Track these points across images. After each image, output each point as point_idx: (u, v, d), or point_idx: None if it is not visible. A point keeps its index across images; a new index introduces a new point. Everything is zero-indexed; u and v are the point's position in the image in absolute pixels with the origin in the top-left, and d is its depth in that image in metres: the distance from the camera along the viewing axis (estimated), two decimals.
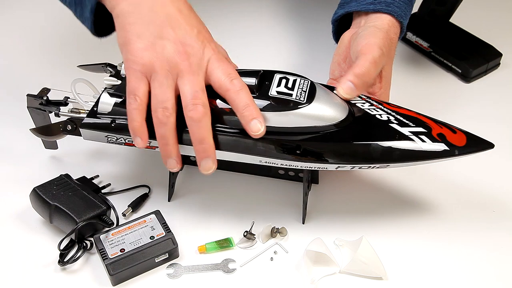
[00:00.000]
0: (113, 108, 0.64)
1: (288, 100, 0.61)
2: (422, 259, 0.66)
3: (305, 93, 0.62)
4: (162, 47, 0.60)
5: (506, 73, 0.91)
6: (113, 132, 0.64)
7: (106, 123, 0.64)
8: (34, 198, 0.68)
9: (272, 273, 0.64)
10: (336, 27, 0.78)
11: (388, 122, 0.64)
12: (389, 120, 0.64)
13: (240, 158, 0.63)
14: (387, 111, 0.65)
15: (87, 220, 0.65)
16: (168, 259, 0.65)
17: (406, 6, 0.75)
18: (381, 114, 0.64)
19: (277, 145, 0.62)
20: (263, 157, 0.63)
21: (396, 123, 0.63)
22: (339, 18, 0.77)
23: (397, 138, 0.62)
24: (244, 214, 0.70)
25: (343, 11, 0.75)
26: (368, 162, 0.62)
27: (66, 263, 0.64)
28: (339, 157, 0.62)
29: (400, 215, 0.70)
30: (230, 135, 0.62)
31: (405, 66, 0.92)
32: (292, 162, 0.63)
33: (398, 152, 0.62)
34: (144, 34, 0.60)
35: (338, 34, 0.77)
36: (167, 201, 0.72)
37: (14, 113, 0.83)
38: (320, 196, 0.72)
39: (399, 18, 0.73)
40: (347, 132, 0.62)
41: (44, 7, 1.01)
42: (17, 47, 0.95)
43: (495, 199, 0.72)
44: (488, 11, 1.03)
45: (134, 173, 0.75)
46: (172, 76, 0.60)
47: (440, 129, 0.64)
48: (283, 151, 0.62)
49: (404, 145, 0.62)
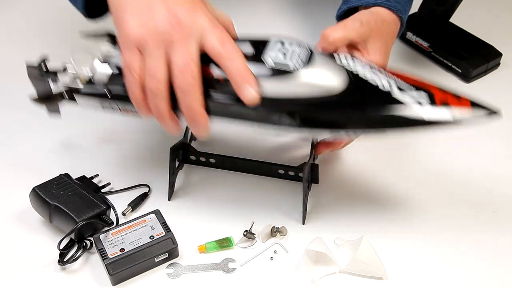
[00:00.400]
0: (108, 79, 0.63)
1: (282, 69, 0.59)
2: (422, 259, 0.66)
3: (301, 60, 0.60)
4: (154, 20, 0.59)
5: (506, 73, 0.91)
6: (108, 101, 0.64)
7: (102, 93, 0.64)
8: (33, 197, 0.68)
9: (272, 273, 0.64)
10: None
11: (390, 92, 0.60)
12: (390, 87, 0.61)
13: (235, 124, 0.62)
14: (389, 77, 0.62)
15: (87, 219, 0.65)
16: (168, 258, 0.65)
17: (406, 2, 0.75)
18: (382, 83, 0.61)
19: (272, 112, 0.60)
20: (258, 123, 0.61)
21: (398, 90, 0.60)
22: (343, 13, 0.77)
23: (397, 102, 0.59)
24: (244, 214, 0.70)
25: (346, 7, 0.76)
26: (364, 128, 0.60)
27: (66, 263, 0.64)
28: (334, 123, 0.60)
29: (400, 215, 0.70)
30: (226, 104, 0.60)
31: (405, 66, 0.92)
32: (287, 127, 0.60)
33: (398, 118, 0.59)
34: (136, 11, 0.60)
35: None
36: (167, 200, 0.72)
37: (14, 113, 0.83)
38: (320, 196, 0.72)
39: (399, 13, 0.73)
40: (344, 99, 0.60)
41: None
42: (17, 44, 0.95)
43: (495, 199, 0.72)
44: (488, 11, 1.03)
45: (134, 173, 0.75)
46: (165, 47, 0.59)
47: (444, 95, 0.61)
48: (279, 118, 0.60)
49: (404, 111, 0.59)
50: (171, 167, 0.70)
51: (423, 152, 0.78)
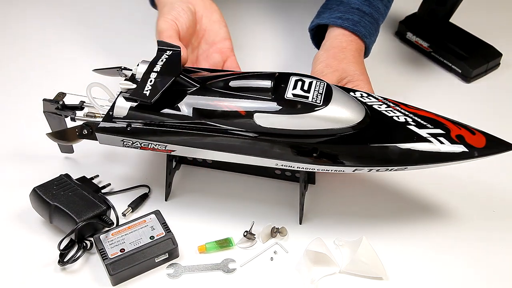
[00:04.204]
0: (128, 112, 0.64)
1: (304, 103, 0.61)
2: (422, 259, 0.66)
3: (321, 95, 0.62)
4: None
5: (506, 73, 0.91)
6: (129, 136, 0.64)
7: (122, 127, 0.64)
8: (34, 198, 0.68)
9: (272, 273, 0.64)
10: (313, 35, 0.82)
11: (406, 123, 0.63)
12: (406, 121, 0.63)
13: (257, 161, 0.63)
14: (404, 112, 0.64)
15: (87, 220, 0.65)
16: (168, 259, 0.65)
17: (372, 26, 0.78)
18: (398, 116, 0.64)
19: (294, 148, 0.62)
20: (280, 160, 0.63)
21: (414, 125, 0.63)
22: (314, 27, 0.81)
23: (415, 140, 0.61)
24: (244, 214, 0.70)
25: (317, 22, 0.80)
26: (386, 165, 0.62)
27: (66, 263, 0.64)
28: (356, 159, 0.62)
29: (400, 215, 0.70)
30: (247, 138, 0.62)
31: (405, 66, 0.92)
32: (309, 165, 0.62)
33: (416, 154, 0.61)
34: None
35: (317, 40, 0.81)
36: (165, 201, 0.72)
37: (14, 113, 0.83)
38: (317, 197, 0.72)
39: (363, 38, 0.77)
40: (364, 135, 0.62)
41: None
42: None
43: (495, 199, 0.72)
44: (488, 11, 1.03)
45: (134, 173, 0.75)
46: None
47: (459, 131, 0.63)
48: (300, 154, 0.62)
49: (422, 147, 0.61)
50: (168, 168, 0.70)
51: None
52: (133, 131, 0.64)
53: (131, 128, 0.64)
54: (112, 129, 0.64)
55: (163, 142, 0.64)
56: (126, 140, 0.65)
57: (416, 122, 0.63)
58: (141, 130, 0.64)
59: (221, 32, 0.78)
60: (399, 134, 0.62)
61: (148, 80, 0.63)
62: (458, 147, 0.61)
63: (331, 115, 0.61)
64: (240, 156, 0.63)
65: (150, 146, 0.64)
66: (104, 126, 0.65)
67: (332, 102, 0.61)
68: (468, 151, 0.61)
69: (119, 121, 0.64)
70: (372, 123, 0.63)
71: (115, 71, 0.71)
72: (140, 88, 0.63)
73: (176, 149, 0.64)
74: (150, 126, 0.64)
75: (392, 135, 0.62)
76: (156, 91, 0.62)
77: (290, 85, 0.63)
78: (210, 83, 0.65)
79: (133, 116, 0.64)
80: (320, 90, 0.62)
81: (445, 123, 0.63)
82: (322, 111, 0.61)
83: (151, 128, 0.64)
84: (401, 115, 0.64)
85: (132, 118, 0.64)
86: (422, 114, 0.64)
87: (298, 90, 0.62)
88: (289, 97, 0.61)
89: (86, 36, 0.96)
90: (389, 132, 0.62)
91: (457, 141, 0.61)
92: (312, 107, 0.61)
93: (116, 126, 0.64)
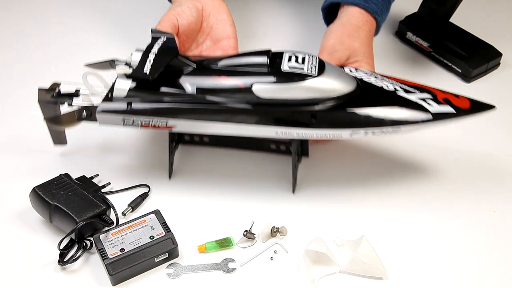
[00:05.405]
0: (128, 93, 0.65)
1: (301, 74, 0.64)
2: (422, 259, 0.66)
3: (315, 67, 0.65)
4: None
5: (506, 73, 0.91)
6: (130, 115, 0.66)
7: (122, 107, 0.66)
8: (34, 197, 0.68)
9: (272, 273, 0.64)
10: (326, 14, 0.84)
11: (395, 91, 0.67)
12: (395, 89, 0.67)
13: (258, 131, 0.66)
14: (392, 82, 0.69)
15: (87, 219, 0.65)
16: (168, 258, 0.65)
17: (383, 4, 0.80)
18: (387, 85, 0.68)
19: (293, 115, 0.64)
20: (280, 128, 0.65)
21: (403, 91, 0.67)
22: (327, 6, 0.83)
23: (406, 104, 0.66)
24: (244, 213, 0.70)
25: (330, 1, 0.82)
26: (381, 126, 0.65)
27: (66, 263, 0.64)
28: (352, 123, 0.65)
29: (400, 215, 0.70)
30: (247, 110, 0.65)
31: (405, 66, 0.92)
32: (309, 130, 0.65)
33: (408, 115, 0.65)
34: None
35: (329, 20, 0.83)
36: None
37: (14, 113, 0.83)
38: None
39: (374, 14, 0.79)
40: (358, 101, 0.65)
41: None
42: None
43: (495, 199, 0.72)
44: (488, 11, 1.03)
45: (134, 173, 0.75)
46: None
47: (444, 95, 0.68)
48: (300, 120, 0.65)
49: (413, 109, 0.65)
50: (169, 147, 0.72)
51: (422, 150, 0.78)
52: (134, 109, 0.65)
53: (131, 107, 0.65)
54: (113, 109, 0.66)
55: (164, 117, 0.65)
56: (127, 118, 0.66)
57: (404, 89, 0.68)
58: (142, 108, 0.65)
59: (227, 30, 0.79)
60: (390, 100, 0.66)
61: (147, 60, 0.65)
62: (446, 108, 0.66)
63: (326, 83, 0.64)
64: (241, 126, 0.65)
65: (150, 124, 0.66)
66: (104, 107, 0.66)
67: (325, 73, 0.65)
68: (455, 112, 0.66)
69: (119, 102, 0.66)
70: (364, 92, 0.67)
71: (108, 64, 0.71)
72: (140, 67, 0.64)
73: (177, 124, 0.66)
74: (150, 104, 0.65)
75: (384, 101, 0.66)
76: (157, 69, 0.64)
77: (285, 59, 0.66)
78: (207, 63, 0.67)
79: (133, 96, 0.65)
80: (314, 63, 0.66)
81: (430, 90, 0.68)
82: (318, 79, 0.64)
83: (151, 106, 0.65)
84: (390, 84, 0.68)
85: (132, 97, 0.65)
86: (409, 83, 0.69)
87: (293, 63, 0.65)
88: (285, 70, 0.65)
89: (83, 31, 0.96)
90: (381, 99, 0.66)
91: (444, 103, 0.66)
92: (309, 77, 0.64)
93: (116, 105, 0.66)
